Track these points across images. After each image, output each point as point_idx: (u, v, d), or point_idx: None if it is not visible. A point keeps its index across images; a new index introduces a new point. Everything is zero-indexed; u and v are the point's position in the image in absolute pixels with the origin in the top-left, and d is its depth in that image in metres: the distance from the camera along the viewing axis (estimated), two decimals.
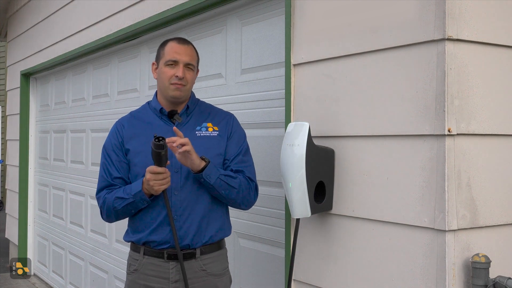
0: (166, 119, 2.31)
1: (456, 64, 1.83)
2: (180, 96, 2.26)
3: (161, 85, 2.29)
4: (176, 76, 2.22)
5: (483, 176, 1.89)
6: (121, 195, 2.22)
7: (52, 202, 5.75)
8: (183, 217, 2.22)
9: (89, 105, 4.93)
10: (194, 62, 2.30)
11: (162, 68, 2.26)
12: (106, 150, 2.34)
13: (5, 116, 7.56)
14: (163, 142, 2.02)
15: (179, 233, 2.21)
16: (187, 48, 2.29)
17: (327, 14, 2.28)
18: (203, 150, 2.21)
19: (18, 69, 6.43)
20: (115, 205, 2.23)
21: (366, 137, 2.09)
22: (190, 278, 2.22)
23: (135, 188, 2.19)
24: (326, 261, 2.25)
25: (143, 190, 2.16)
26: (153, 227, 2.22)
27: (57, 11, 5.35)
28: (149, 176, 2.10)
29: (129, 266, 2.33)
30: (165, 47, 2.29)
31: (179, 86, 2.24)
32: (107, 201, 2.26)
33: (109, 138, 2.36)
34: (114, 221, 2.34)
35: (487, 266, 1.80)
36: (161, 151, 2.03)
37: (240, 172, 2.28)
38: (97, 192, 2.34)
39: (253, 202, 2.33)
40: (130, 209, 2.23)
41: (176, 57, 2.24)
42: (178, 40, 2.32)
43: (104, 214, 2.31)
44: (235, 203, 2.29)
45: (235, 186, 2.22)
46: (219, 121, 2.34)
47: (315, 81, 2.33)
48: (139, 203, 2.20)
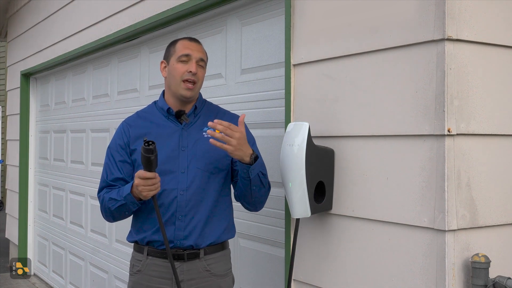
0: (173, 119, 2.29)
1: (455, 64, 1.83)
2: (190, 96, 2.25)
3: (172, 83, 2.26)
4: (190, 72, 2.21)
5: (483, 176, 1.89)
6: (114, 197, 2.20)
7: (52, 202, 5.75)
8: (188, 217, 2.21)
9: (89, 105, 4.93)
10: (205, 59, 2.30)
11: (174, 65, 2.24)
12: (110, 150, 2.32)
13: (5, 116, 7.56)
14: (153, 146, 1.97)
15: (183, 233, 2.20)
16: (199, 45, 2.30)
17: (327, 14, 2.28)
18: (210, 151, 2.21)
19: (18, 69, 6.43)
20: (109, 206, 2.22)
21: (366, 137, 2.09)
22: (194, 279, 2.22)
23: (125, 191, 2.16)
24: (326, 261, 2.25)
25: (131, 193, 2.13)
26: (157, 226, 2.21)
27: (57, 11, 5.35)
28: (137, 181, 2.06)
29: (132, 267, 2.32)
30: (176, 45, 2.29)
31: (191, 86, 2.22)
32: (104, 202, 2.26)
33: (115, 138, 2.34)
34: (113, 221, 2.33)
35: (486, 266, 1.80)
36: (151, 155, 1.98)
37: None
38: (98, 191, 2.34)
39: (265, 201, 2.33)
40: (123, 210, 2.20)
41: (189, 52, 2.23)
42: (189, 38, 2.33)
43: (103, 213, 2.31)
44: (255, 202, 2.25)
45: (265, 185, 2.21)
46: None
47: (315, 81, 2.33)
48: (130, 205, 2.17)
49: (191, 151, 2.23)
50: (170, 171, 2.20)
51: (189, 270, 2.22)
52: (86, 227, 4.93)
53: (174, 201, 2.20)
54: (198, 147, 2.24)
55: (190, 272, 2.22)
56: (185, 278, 2.21)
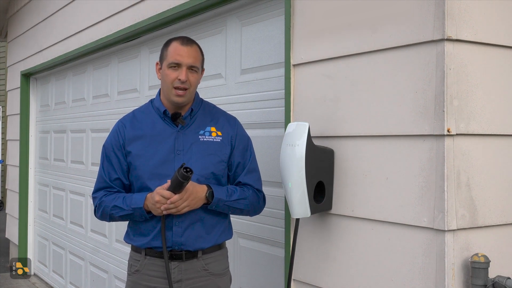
0: (169, 121, 2.27)
1: (455, 64, 1.83)
2: (182, 102, 2.22)
3: (164, 87, 2.25)
4: (179, 80, 2.17)
5: (483, 176, 1.90)
6: (120, 205, 2.21)
7: (52, 202, 5.75)
8: (185, 223, 2.20)
9: (89, 105, 4.93)
10: (197, 63, 2.23)
11: (165, 70, 2.21)
12: (106, 150, 2.32)
13: (6, 116, 7.57)
14: (190, 175, 2.03)
15: (181, 239, 2.20)
16: (191, 49, 2.22)
17: (327, 14, 2.28)
18: (205, 156, 2.21)
19: (18, 69, 6.44)
20: (112, 212, 2.23)
21: (365, 137, 2.10)
22: (192, 278, 2.22)
23: (135, 203, 2.17)
24: (326, 261, 2.25)
25: (144, 207, 2.15)
26: (155, 232, 2.21)
27: (57, 11, 5.35)
28: (158, 198, 2.08)
29: (130, 266, 2.31)
30: (168, 48, 2.23)
31: (181, 93, 2.19)
32: (104, 204, 2.25)
33: (110, 138, 2.33)
34: (108, 222, 2.36)
35: (486, 266, 1.80)
36: (185, 181, 2.04)
37: (248, 185, 2.31)
38: (94, 191, 2.33)
39: (261, 211, 2.38)
40: (127, 218, 2.26)
41: (178, 59, 2.18)
42: (182, 40, 2.23)
43: (99, 214, 2.31)
44: (244, 215, 2.36)
45: (243, 208, 2.27)
46: (223, 125, 2.31)
47: (315, 81, 2.33)
48: (137, 217, 2.20)
49: (187, 154, 2.22)
50: (166, 175, 2.17)
51: (187, 270, 2.22)
52: (86, 227, 4.93)
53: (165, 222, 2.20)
54: (193, 151, 2.23)
55: (188, 271, 2.22)
56: (183, 277, 2.21)
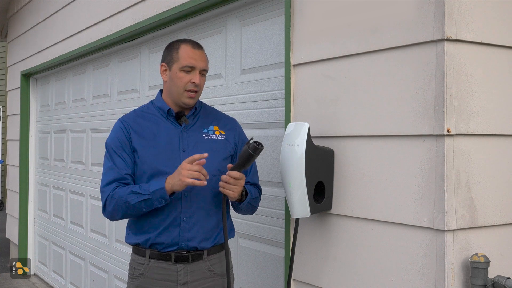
0: (173, 120, 2.28)
1: (455, 65, 1.83)
2: (193, 104, 2.26)
3: (173, 90, 2.24)
4: (193, 83, 2.21)
5: (482, 176, 1.90)
6: (138, 190, 2.13)
7: (53, 202, 5.75)
8: (192, 220, 2.21)
9: (89, 105, 4.93)
10: (207, 67, 2.29)
11: (177, 73, 2.22)
12: (113, 146, 2.25)
13: (6, 116, 7.57)
14: (261, 148, 2.05)
15: (189, 234, 2.21)
16: (202, 53, 2.27)
17: (327, 15, 2.28)
18: (211, 154, 2.21)
19: (18, 69, 6.44)
20: (128, 199, 2.12)
21: (365, 137, 2.10)
22: (198, 280, 2.23)
23: (155, 185, 2.11)
24: (326, 261, 2.25)
25: (165, 187, 2.10)
26: (162, 228, 2.19)
27: (57, 11, 5.35)
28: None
29: (133, 270, 2.27)
30: (179, 51, 2.23)
31: (193, 95, 2.23)
32: (118, 195, 2.15)
33: (115, 134, 2.28)
34: (117, 218, 2.24)
35: (486, 266, 1.81)
36: (255, 154, 2.05)
37: (255, 185, 2.35)
38: (105, 184, 2.20)
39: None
40: (142, 207, 2.13)
41: (193, 63, 2.21)
42: (193, 44, 2.26)
43: (110, 207, 2.18)
44: (249, 213, 2.38)
45: (256, 206, 2.33)
46: (224, 125, 2.35)
47: (315, 82, 2.33)
48: (156, 201, 2.11)
49: (192, 152, 2.22)
50: (170, 172, 2.15)
51: (194, 272, 2.22)
52: (86, 227, 4.93)
53: (179, 203, 2.20)
54: (199, 149, 2.23)
55: (194, 273, 2.22)
56: (189, 279, 2.21)
